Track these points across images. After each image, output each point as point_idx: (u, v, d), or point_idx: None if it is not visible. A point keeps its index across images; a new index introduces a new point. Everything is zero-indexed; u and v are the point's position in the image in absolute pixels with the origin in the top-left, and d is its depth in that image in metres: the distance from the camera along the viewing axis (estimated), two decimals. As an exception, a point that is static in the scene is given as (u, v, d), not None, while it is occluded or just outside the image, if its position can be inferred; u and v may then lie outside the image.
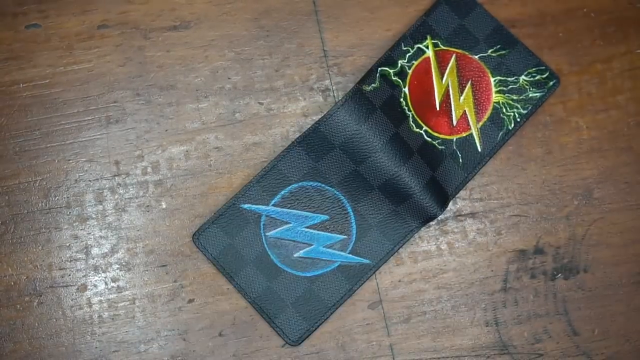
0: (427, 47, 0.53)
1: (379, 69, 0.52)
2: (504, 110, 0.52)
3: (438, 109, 0.52)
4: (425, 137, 0.52)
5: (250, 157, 0.52)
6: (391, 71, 0.52)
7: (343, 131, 0.51)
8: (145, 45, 0.53)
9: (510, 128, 0.53)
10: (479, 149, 0.52)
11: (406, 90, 0.52)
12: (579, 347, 0.52)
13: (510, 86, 0.52)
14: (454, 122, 0.52)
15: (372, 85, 0.51)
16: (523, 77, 0.52)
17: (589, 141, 0.54)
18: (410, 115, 0.52)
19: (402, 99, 0.52)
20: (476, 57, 0.53)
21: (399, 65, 0.52)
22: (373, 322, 0.51)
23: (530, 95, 0.53)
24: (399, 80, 0.52)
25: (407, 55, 0.52)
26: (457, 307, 0.52)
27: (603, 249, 0.53)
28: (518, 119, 0.53)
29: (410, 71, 0.52)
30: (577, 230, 0.53)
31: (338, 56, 0.54)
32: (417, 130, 0.51)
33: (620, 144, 0.54)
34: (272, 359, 0.50)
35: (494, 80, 0.53)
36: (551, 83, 0.53)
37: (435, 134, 0.52)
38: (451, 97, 0.53)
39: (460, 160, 0.52)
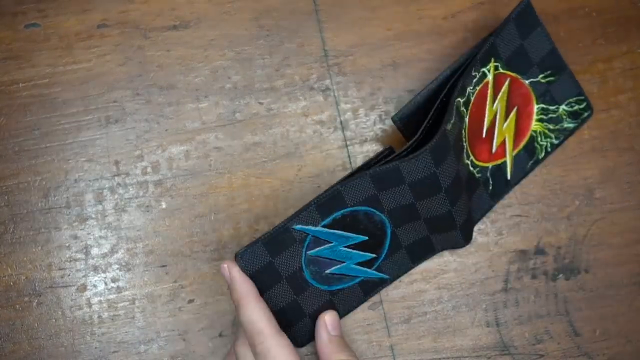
0: (489, 71, 0.49)
1: (456, 100, 0.47)
2: (539, 139, 0.51)
3: (484, 136, 0.50)
4: (470, 167, 0.49)
5: (251, 157, 0.52)
6: (461, 101, 0.48)
7: (420, 172, 0.46)
8: (145, 44, 0.53)
9: (540, 157, 0.52)
10: (508, 177, 0.51)
11: (467, 119, 0.49)
12: (580, 347, 0.52)
13: (550, 115, 0.51)
14: (494, 149, 0.50)
15: (450, 121, 0.46)
16: (563, 106, 0.51)
17: (590, 141, 0.54)
18: (466, 147, 0.49)
19: (464, 130, 0.48)
20: (527, 82, 0.51)
21: (467, 93, 0.48)
22: (373, 322, 0.51)
23: (565, 125, 0.51)
24: (465, 110, 0.48)
25: (473, 82, 0.49)
26: (458, 308, 0.52)
27: (604, 250, 0.53)
28: (549, 149, 0.52)
29: (472, 98, 0.49)
30: (578, 230, 0.53)
31: (339, 56, 0.53)
32: (467, 161, 0.49)
33: (622, 144, 0.54)
34: None
35: (537, 108, 0.51)
36: (585, 114, 0.52)
37: (477, 163, 0.49)
38: (497, 123, 0.50)
39: (490, 187, 0.50)
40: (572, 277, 0.52)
